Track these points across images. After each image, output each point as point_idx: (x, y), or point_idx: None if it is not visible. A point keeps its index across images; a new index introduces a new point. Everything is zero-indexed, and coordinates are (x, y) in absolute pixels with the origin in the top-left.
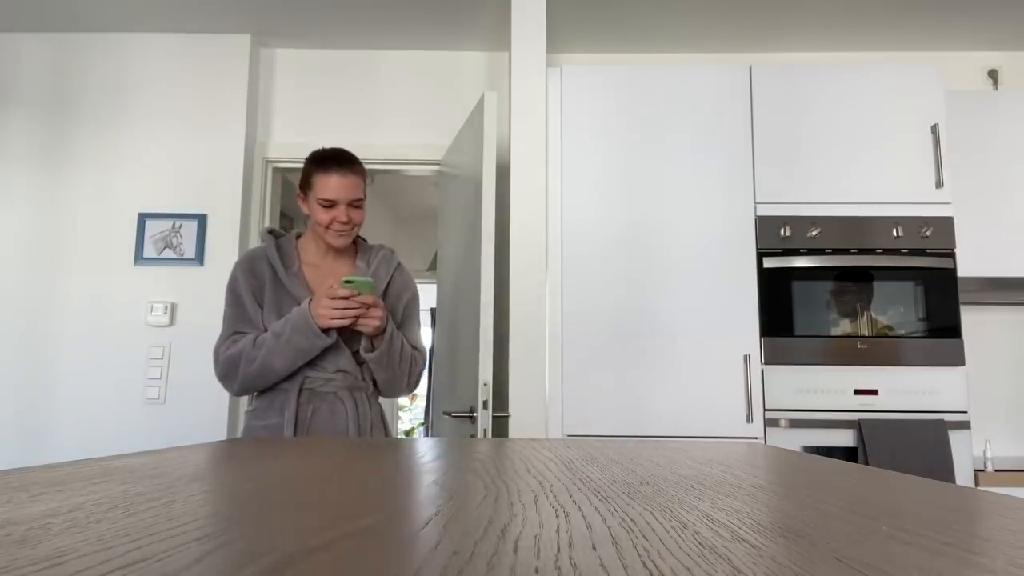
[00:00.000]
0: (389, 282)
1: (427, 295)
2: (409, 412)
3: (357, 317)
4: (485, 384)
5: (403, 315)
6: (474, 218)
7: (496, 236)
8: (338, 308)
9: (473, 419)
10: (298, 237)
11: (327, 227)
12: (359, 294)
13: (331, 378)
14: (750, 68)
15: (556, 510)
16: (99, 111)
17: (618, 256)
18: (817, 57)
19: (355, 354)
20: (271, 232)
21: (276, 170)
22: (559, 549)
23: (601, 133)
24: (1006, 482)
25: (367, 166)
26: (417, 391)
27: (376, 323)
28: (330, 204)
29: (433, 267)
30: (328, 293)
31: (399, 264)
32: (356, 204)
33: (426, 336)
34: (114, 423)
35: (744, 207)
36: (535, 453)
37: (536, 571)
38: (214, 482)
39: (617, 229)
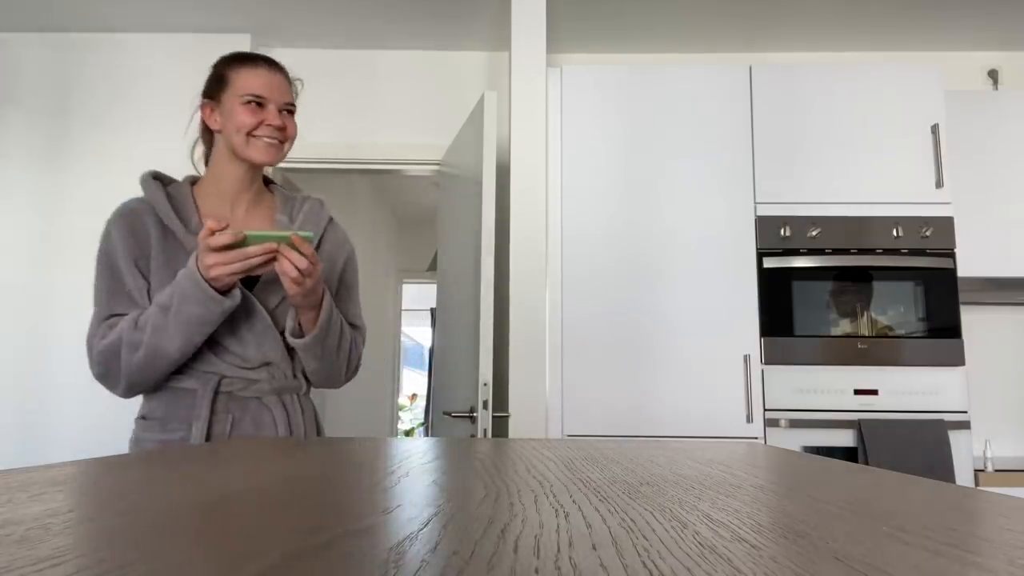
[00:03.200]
0: (320, 241)
1: (427, 295)
2: (409, 412)
3: (264, 264)
4: (485, 384)
5: (339, 284)
6: (474, 218)
7: (496, 236)
8: (230, 258)
9: (473, 419)
10: (193, 184)
11: (251, 133)
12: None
13: (254, 378)
14: (750, 68)
15: (556, 510)
16: (99, 111)
17: (618, 256)
18: (817, 57)
19: (284, 336)
20: (155, 177)
21: (276, 170)
22: (559, 549)
23: (601, 133)
24: (1006, 482)
25: (367, 166)
26: (418, 392)
27: (296, 274)
28: (259, 102)
29: (433, 267)
30: (206, 241)
31: (331, 219)
32: (289, 110)
33: (426, 336)
34: (114, 423)
35: (744, 207)
36: (535, 453)
37: (536, 571)
38: (214, 481)
39: (617, 229)
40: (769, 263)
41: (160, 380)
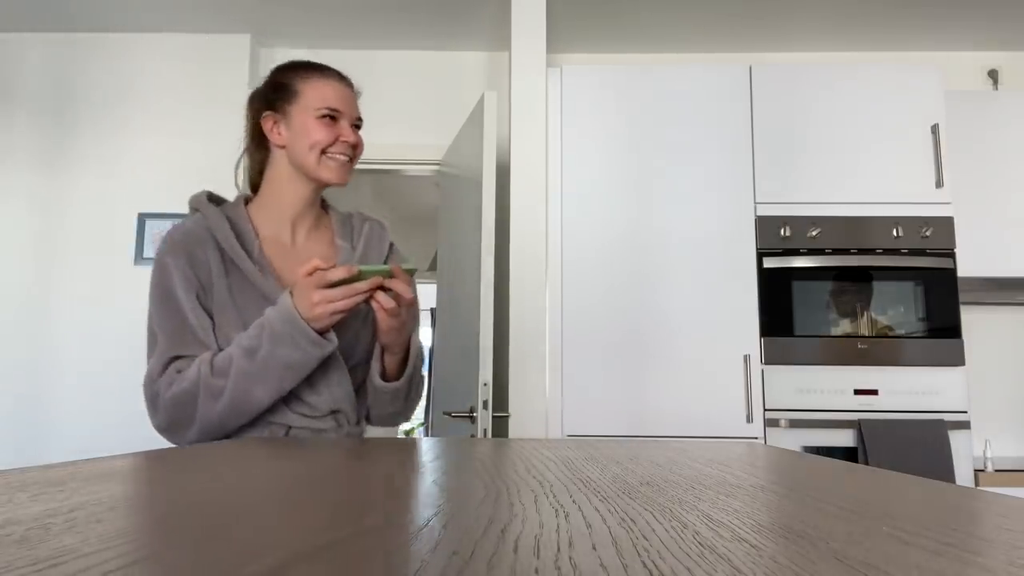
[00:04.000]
0: (386, 261)
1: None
2: None
3: (360, 303)
4: (485, 384)
5: None
6: (474, 218)
7: (496, 236)
8: (337, 295)
9: (473, 419)
10: (246, 203)
11: (324, 151)
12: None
13: (321, 428)
14: (750, 68)
15: (556, 510)
16: (99, 111)
17: (618, 256)
18: (817, 57)
19: (355, 385)
20: (211, 199)
21: None
22: (559, 549)
23: (601, 133)
24: (1006, 482)
25: (367, 166)
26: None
27: (393, 305)
28: (333, 116)
29: (433, 267)
30: (313, 278)
31: (392, 244)
32: (358, 125)
33: (426, 336)
34: (114, 423)
35: (744, 207)
36: (535, 453)
37: (536, 571)
38: (214, 482)
39: (617, 229)
40: (769, 263)
41: (236, 428)
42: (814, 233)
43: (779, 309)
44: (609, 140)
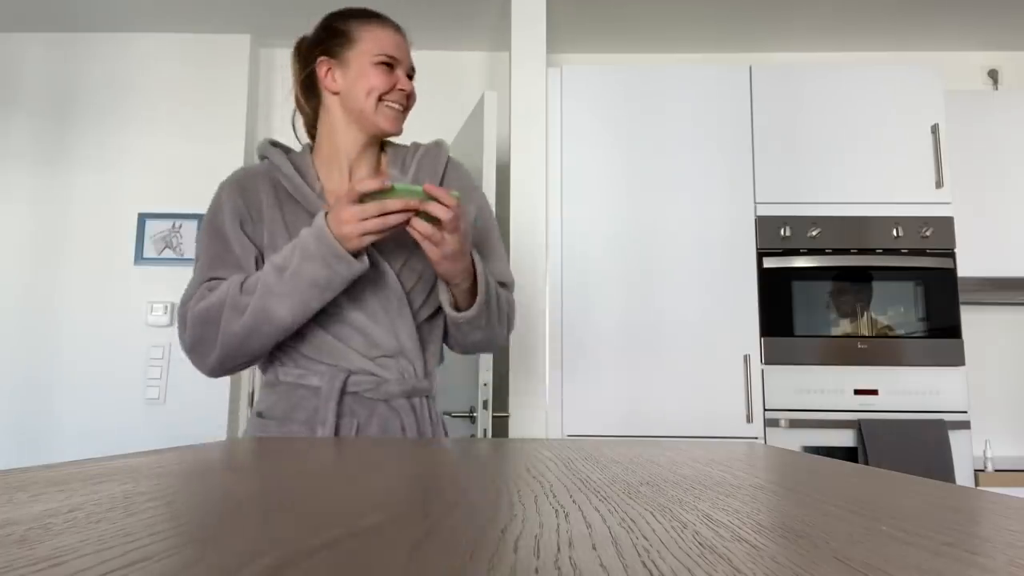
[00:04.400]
0: (440, 185)
1: None
2: None
3: (401, 224)
4: (485, 384)
5: (476, 238)
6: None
7: None
8: (368, 212)
9: (473, 419)
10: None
11: (381, 98)
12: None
13: (384, 376)
14: (750, 68)
15: (556, 510)
16: (99, 111)
17: (618, 256)
18: (817, 57)
19: (419, 324)
20: (275, 144)
21: None
22: (559, 549)
23: (601, 133)
24: (1006, 482)
25: None
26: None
27: (430, 230)
28: (391, 63)
29: None
30: (346, 194)
31: (450, 159)
32: (412, 75)
33: None
34: (114, 423)
35: (744, 207)
36: (535, 453)
37: (536, 571)
38: (214, 482)
39: (617, 229)
40: (769, 263)
41: (258, 352)
42: (814, 233)
43: (779, 309)
44: (609, 140)
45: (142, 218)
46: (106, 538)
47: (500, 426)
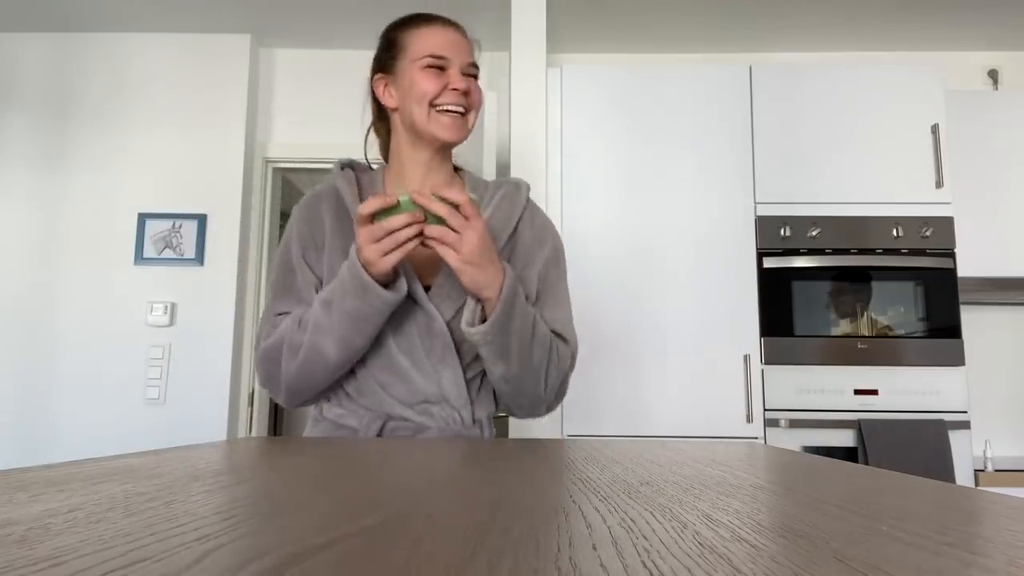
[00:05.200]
0: (514, 230)
1: None
2: None
3: (415, 236)
4: (494, 431)
5: (540, 284)
6: None
7: None
8: (377, 234)
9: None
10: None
11: (433, 102)
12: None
13: (425, 424)
14: (750, 68)
15: (556, 510)
16: (99, 111)
17: (617, 256)
18: (817, 57)
19: (466, 369)
20: (350, 165)
21: (276, 170)
22: (559, 549)
23: (601, 133)
24: (1006, 482)
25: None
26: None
27: (458, 256)
28: (440, 65)
29: None
30: (359, 218)
31: (530, 201)
32: (471, 72)
33: None
34: (114, 423)
35: (744, 207)
36: (535, 453)
37: (536, 571)
38: (214, 482)
39: (617, 228)
40: (769, 263)
41: (321, 388)
42: (814, 233)
43: (779, 309)
44: (609, 140)
45: (142, 218)
46: (106, 538)
47: (500, 426)
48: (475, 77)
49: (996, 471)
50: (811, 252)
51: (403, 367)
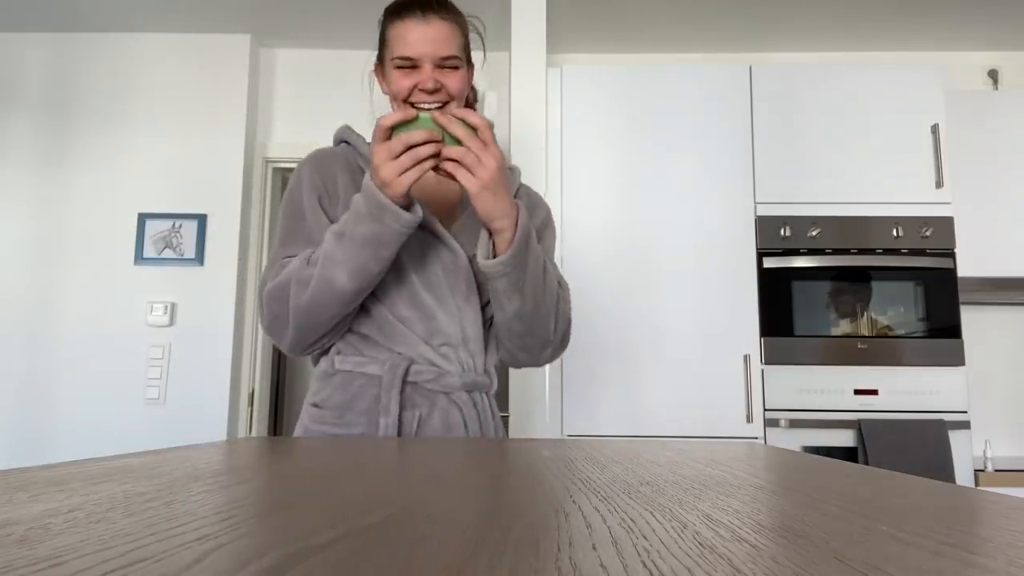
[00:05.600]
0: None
1: None
2: None
3: (434, 154)
4: None
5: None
6: None
7: None
8: (396, 149)
9: None
10: None
11: (407, 100)
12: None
13: (445, 368)
14: (750, 68)
15: (556, 510)
16: (99, 111)
17: (617, 255)
18: (817, 57)
19: (484, 310)
20: (345, 141)
21: (276, 170)
22: (559, 549)
23: (601, 133)
24: (1006, 482)
25: None
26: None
27: (475, 179)
28: (409, 64)
29: None
30: (379, 132)
31: (521, 186)
32: (449, 64)
33: None
34: (114, 423)
35: (744, 207)
36: (535, 453)
37: (536, 571)
38: (214, 482)
39: (617, 228)
40: (769, 263)
41: (331, 326)
42: (814, 233)
43: (779, 309)
44: (609, 140)
45: (142, 218)
46: (106, 538)
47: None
48: (455, 68)
49: (996, 471)
50: (811, 252)
51: (427, 303)
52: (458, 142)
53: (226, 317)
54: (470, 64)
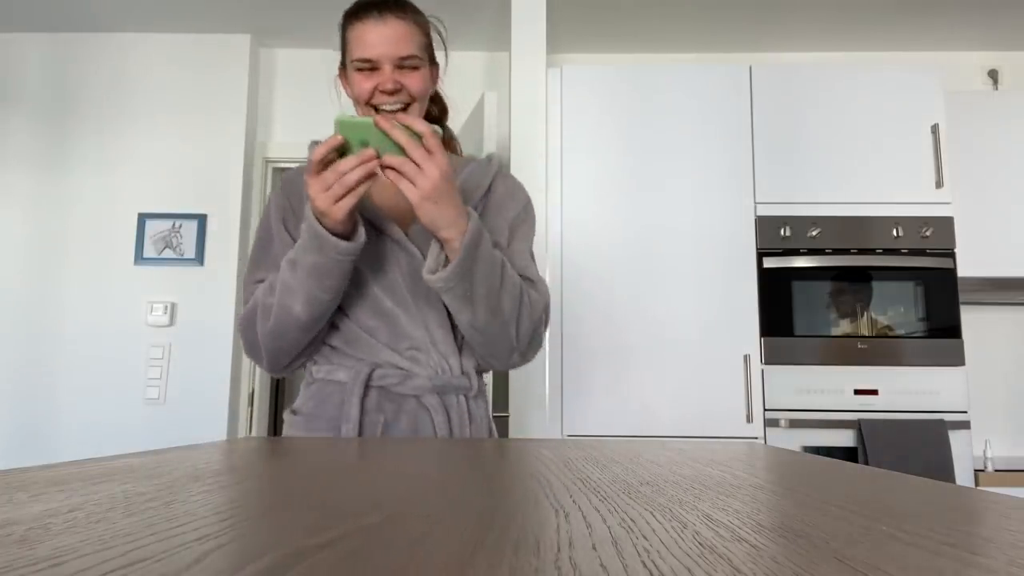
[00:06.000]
0: (487, 191)
1: None
2: None
3: (366, 177)
4: (485, 384)
5: (510, 234)
6: None
7: None
8: (329, 180)
9: None
10: None
11: (369, 103)
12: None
13: (412, 371)
14: (750, 68)
15: (556, 510)
16: (99, 111)
17: (617, 256)
18: (817, 57)
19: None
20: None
21: (276, 170)
22: (559, 549)
23: (601, 133)
24: (1006, 482)
25: None
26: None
27: (415, 188)
28: (369, 66)
29: None
30: (310, 168)
31: (500, 170)
32: (409, 64)
33: None
34: (114, 423)
35: (744, 207)
36: (535, 453)
37: (536, 571)
38: (214, 482)
39: (617, 229)
40: (769, 263)
41: (299, 348)
42: (814, 233)
43: (779, 309)
44: (609, 140)
45: (142, 218)
46: (106, 538)
47: (500, 426)
48: (415, 68)
49: (996, 471)
50: (811, 252)
51: (388, 309)
52: (403, 150)
53: (226, 317)
54: (433, 64)
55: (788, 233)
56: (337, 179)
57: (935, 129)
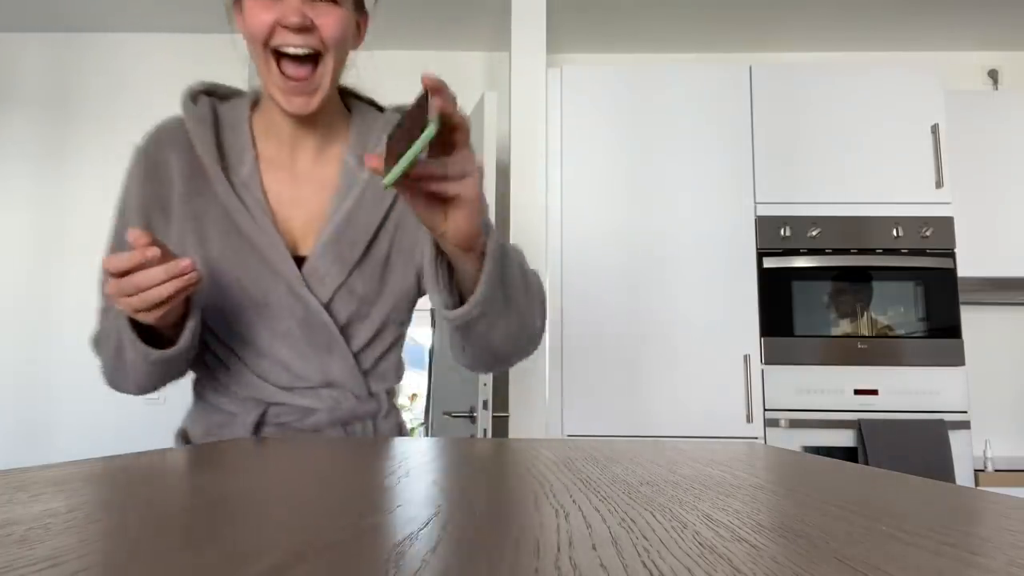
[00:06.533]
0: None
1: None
2: (409, 412)
3: (180, 291)
4: (485, 384)
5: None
6: None
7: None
8: (127, 290)
9: (473, 419)
10: (254, 106)
11: (266, 42)
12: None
13: (310, 407)
14: (750, 68)
15: (556, 510)
16: (99, 111)
17: (618, 256)
18: (817, 57)
19: (358, 354)
20: (208, 92)
21: None
22: (559, 549)
23: (601, 133)
24: (1006, 482)
25: None
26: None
27: (470, 209)
28: None
29: None
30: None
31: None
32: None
33: (426, 336)
34: (114, 423)
35: (744, 207)
36: (535, 453)
37: (536, 571)
38: (213, 482)
39: (617, 229)
40: (769, 263)
41: (164, 385)
42: (814, 233)
43: (779, 309)
44: (609, 140)
45: None
46: (106, 538)
47: (500, 426)
48: (333, 2)
49: (996, 471)
50: (811, 252)
51: (282, 357)
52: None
53: None
54: (361, 11)
55: (788, 233)
56: (136, 291)
57: (935, 129)
